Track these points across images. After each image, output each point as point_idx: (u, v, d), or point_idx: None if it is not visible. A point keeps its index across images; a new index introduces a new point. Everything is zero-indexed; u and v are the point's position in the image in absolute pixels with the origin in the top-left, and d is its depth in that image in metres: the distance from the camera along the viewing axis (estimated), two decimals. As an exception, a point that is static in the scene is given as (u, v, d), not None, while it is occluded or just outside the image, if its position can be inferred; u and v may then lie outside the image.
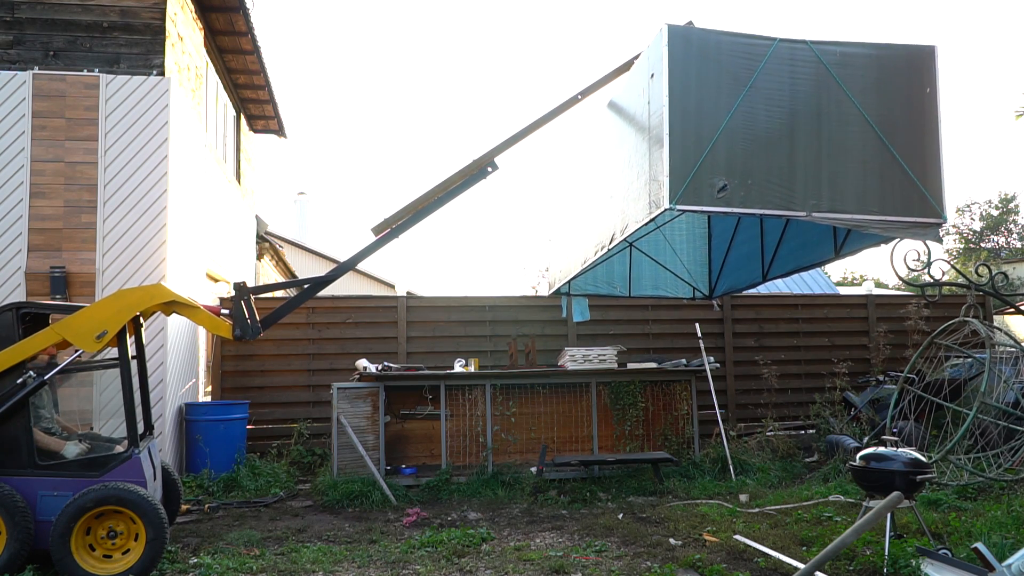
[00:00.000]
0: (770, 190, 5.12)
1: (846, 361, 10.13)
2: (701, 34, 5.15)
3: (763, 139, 5.16)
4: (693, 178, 4.97)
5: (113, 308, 5.12)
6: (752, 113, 5.13)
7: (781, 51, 5.20)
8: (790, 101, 5.22)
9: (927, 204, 5.29)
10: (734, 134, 5.09)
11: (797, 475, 8.19)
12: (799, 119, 5.22)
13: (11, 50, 7.71)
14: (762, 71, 5.16)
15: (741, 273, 8.50)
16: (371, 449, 7.80)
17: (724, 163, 5.06)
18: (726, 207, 5.06)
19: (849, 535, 4.28)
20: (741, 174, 5.08)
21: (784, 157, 5.17)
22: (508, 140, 6.27)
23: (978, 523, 5.57)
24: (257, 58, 10.73)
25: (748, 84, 5.12)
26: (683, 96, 5.03)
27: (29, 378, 4.89)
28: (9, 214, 7.30)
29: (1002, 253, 37.75)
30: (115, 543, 4.80)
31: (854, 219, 5.22)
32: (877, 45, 5.39)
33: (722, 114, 5.08)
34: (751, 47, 5.18)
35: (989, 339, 6.66)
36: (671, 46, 5.04)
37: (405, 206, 6.26)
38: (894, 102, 5.37)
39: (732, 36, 5.19)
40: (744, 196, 5.07)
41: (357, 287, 23.64)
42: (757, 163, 5.12)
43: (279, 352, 9.70)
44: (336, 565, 5.21)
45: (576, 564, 5.15)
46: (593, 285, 8.84)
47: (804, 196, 5.15)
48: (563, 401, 8.59)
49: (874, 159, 5.29)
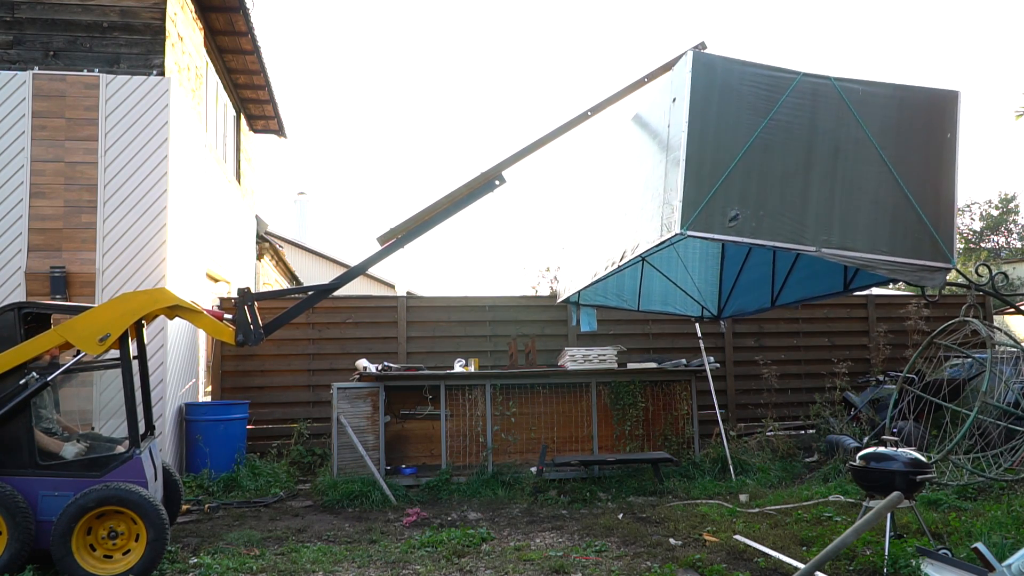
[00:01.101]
0: (782, 223, 5.10)
1: (846, 361, 10.13)
2: (725, 63, 5.13)
3: (779, 172, 5.14)
4: (706, 206, 4.97)
5: (117, 312, 5.13)
6: (770, 145, 5.12)
7: (804, 85, 5.18)
8: (808, 136, 5.19)
9: (937, 248, 5.26)
10: (750, 165, 5.08)
11: (797, 475, 8.20)
12: (816, 155, 5.20)
13: (11, 50, 7.71)
14: (783, 104, 5.14)
15: (750, 297, 8.50)
16: (371, 449, 7.80)
17: (738, 193, 5.05)
18: (737, 236, 5.05)
19: (849, 535, 4.28)
20: (754, 205, 5.07)
21: (798, 191, 5.15)
22: (516, 154, 6.28)
23: (978, 523, 5.57)
24: (257, 58, 10.74)
25: (768, 116, 5.10)
26: (702, 124, 5.02)
27: (31, 379, 4.90)
28: (9, 214, 7.31)
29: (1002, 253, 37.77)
30: (116, 543, 4.81)
31: (863, 258, 5.20)
32: (901, 87, 5.36)
33: (740, 144, 5.07)
34: (774, 79, 5.16)
35: (989, 339, 6.67)
36: (694, 74, 5.03)
37: (411, 216, 6.28)
38: (913, 144, 5.33)
39: (756, 67, 5.17)
40: (755, 227, 5.06)
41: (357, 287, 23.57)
42: (771, 195, 5.11)
43: (279, 352, 9.70)
44: (336, 565, 5.21)
45: (576, 564, 5.16)
46: (603, 296, 8.83)
47: (815, 231, 5.13)
48: (563, 401, 8.60)
49: (888, 199, 5.25)
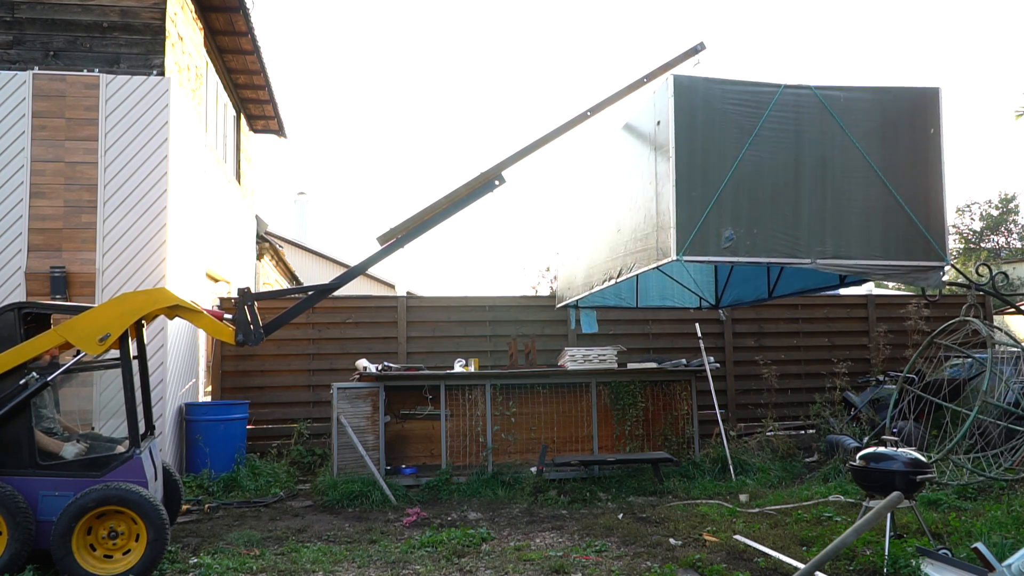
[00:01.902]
0: (775, 238, 5.14)
1: (846, 361, 10.13)
2: (706, 84, 5.15)
3: (768, 187, 5.16)
4: (700, 229, 5.01)
5: (117, 312, 5.13)
6: (758, 161, 5.13)
7: (786, 97, 5.21)
8: (795, 148, 5.21)
9: (930, 248, 5.30)
10: (740, 183, 5.10)
11: (797, 475, 8.19)
12: (804, 166, 5.22)
13: (11, 50, 7.71)
14: (767, 119, 5.17)
15: (747, 286, 8.53)
16: (371, 449, 7.80)
17: (730, 212, 5.08)
18: (732, 257, 5.09)
19: (849, 535, 4.28)
20: (747, 223, 5.10)
21: (789, 205, 5.18)
22: (515, 155, 6.29)
23: (978, 523, 5.57)
24: (257, 58, 10.74)
25: (753, 133, 5.13)
26: (689, 146, 5.04)
27: (31, 379, 4.90)
28: (9, 214, 7.31)
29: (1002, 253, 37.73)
30: (116, 543, 4.81)
31: (858, 265, 5.24)
32: (881, 89, 5.38)
33: (728, 163, 5.10)
34: (756, 94, 5.18)
35: (989, 339, 6.66)
36: (677, 96, 5.05)
37: (411, 216, 6.29)
38: (898, 145, 5.35)
39: (737, 84, 5.19)
40: (750, 245, 5.09)
41: (357, 287, 23.59)
42: (763, 212, 5.14)
43: (279, 352, 9.70)
44: (336, 565, 5.21)
45: (576, 564, 5.16)
46: (601, 298, 8.85)
47: (809, 243, 5.17)
48: (563, 401, 8.60)
49: (878, 204, 5.28)
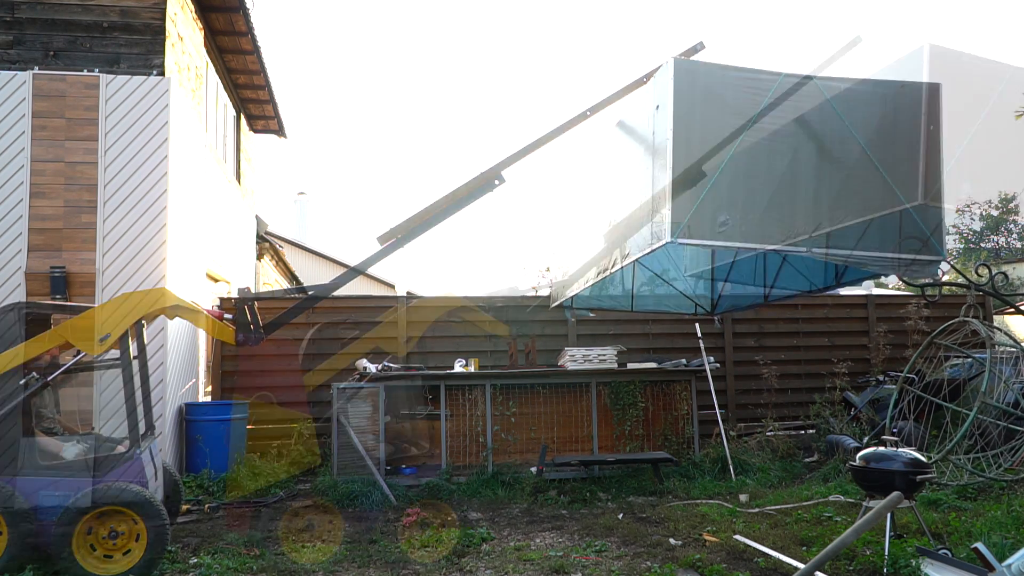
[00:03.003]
0: (771, 225, 5.11)
1: (846, 361, 10.11)
2: (706, 69, 5.12)
3: (765, 174, 5.13)
4: (695, 212, 4.96)
5: (117, 312, 5.13)
6: (755, 148, 5.10)
7: (786, 86, 5.17)
8: (793, 136, 5.18)
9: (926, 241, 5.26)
10: (737, 169, 5.07)
11: (797, 475, 8.19)
12: (801, 154, 5.19)
13: (11, 50, 7.71)
14: (767, 106, 5.13)
15: (743, 292, 8.51)
16: (371, 449, 7.80)
17: (726, 197, 5.05)
18: (726, 241, 5.07)
19: (849, 535, 4.28)
20: (743, 208, 5.07)
21: (786, 192, 5.15)
22: (516, 154, 6.30)
23: (978, 523, 5.57)
24: (257, 58, 10.73)
25: (752, 119, 5.09)
26: (687, 130, 5.01)
27: (32, 379, 4.90)
28: (9, 214, 7.30)
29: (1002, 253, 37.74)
30: (116, 543, 4.81)
31: (854, 255, 5.20)
32: (882, 82, 5.34)
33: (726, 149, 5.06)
34: (757, 82, 5.14)
35: (989, 339, 6.66)
36: (676, 80, 5.02)
37: (411, 216, 6.29)
38: (898, 138, 5.31)
39: (738, 71, 5.16)
40: (745, 231, 5.07)
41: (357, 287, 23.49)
42: (759, 198, 5.11)
43: (279, 352, 9.69)
44: (336, 565, 5.21)
45: (576, 564, 5.16)
46: (596, 299, 8.84)
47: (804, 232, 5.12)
48: (563, 401, 8.60)
49: (874, 195, 5.24)
